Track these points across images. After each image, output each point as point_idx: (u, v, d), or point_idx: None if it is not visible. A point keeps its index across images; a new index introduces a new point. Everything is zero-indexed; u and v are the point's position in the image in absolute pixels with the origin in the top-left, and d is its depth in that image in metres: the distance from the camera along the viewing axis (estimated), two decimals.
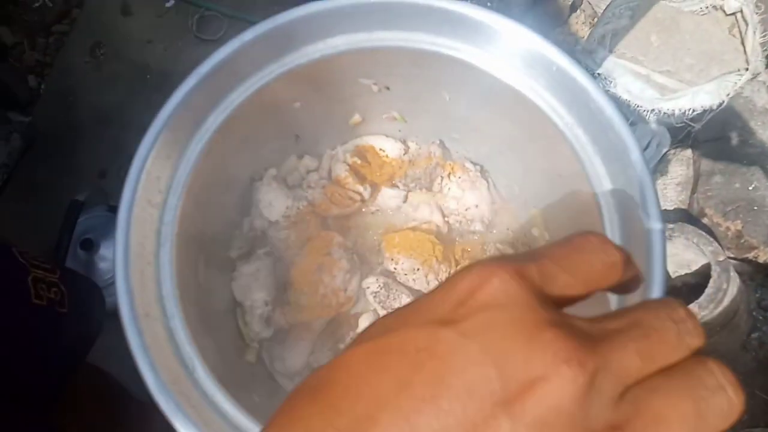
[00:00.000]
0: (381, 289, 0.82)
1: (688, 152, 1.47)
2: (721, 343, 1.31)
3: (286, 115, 0.81)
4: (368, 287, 0.83)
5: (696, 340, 0.25)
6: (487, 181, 0.90)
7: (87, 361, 0.84)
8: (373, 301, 0.82)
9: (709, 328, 1.24)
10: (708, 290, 1.21)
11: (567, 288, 0.26)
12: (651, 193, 0.63)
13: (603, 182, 0.67)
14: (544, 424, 0.20)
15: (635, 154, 0.64)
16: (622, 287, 0.30)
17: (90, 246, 1.34)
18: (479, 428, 0.20)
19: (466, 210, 0.88)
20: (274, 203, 0.85)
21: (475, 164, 0.91)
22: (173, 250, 0.67)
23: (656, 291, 0.60)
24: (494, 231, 0.89)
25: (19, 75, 1.81)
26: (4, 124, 1.65)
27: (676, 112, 1.27)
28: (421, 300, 0.25)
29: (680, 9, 1.32)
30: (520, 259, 0.25)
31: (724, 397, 0.23)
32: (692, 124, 1.37)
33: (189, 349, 0.62)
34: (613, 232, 0.65)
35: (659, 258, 0.61)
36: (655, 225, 0.62)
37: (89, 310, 0.88)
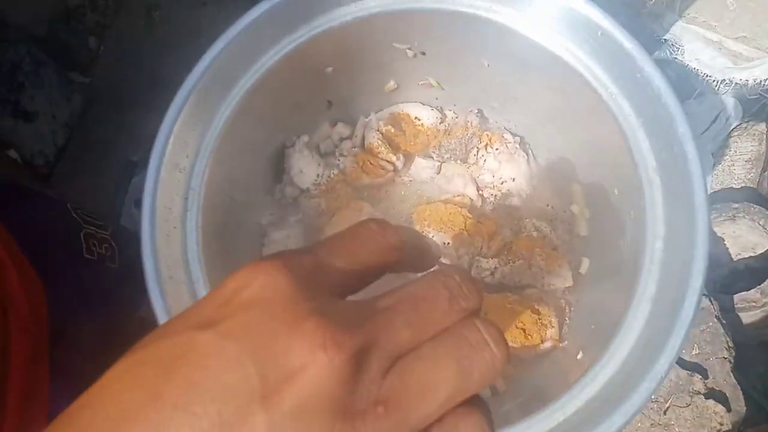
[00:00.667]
0: None
1: (762, 126, 1.36)
2: None
3: (318, 80, 0.79)
4: None
5: (471, 303, 0.26)
6: (527, 154, 0.86)
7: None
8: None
9: None
10: None
11: (345, 274, 0.26)
12: (697, 170, 0.58)
13: (647, 157, 0.62)
14: (303, 410, 0.20)
15: (683, 127, 0.59)
16: (412, 266, 0.31)
17: None
18: (235, 428, 0.20)
19: (502, 183, 0.84)
20: (305, 170, 0.84)
21: (514, 135, 0.86)
22: (200, 216, 0.67)
23: (696, 276, 0.56)
24: (531, 206, 0.85)
25: (80, 36, 1.87)
26: (67, 84, 1.71)
27: (750, 82, 1.16)
28: (193, 304, 0.25)
29: None
30: (295, 252, 0.26)
31: (487, 351, 0.24)
32: (767, 95, 1.26)
33: None
34: (654, 211, 0.61)
35: (702, 240, 0.56)
36: (699, 204, 0.57)
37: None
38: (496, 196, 0.85)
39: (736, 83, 1.16)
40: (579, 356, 0.67)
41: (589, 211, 0.79)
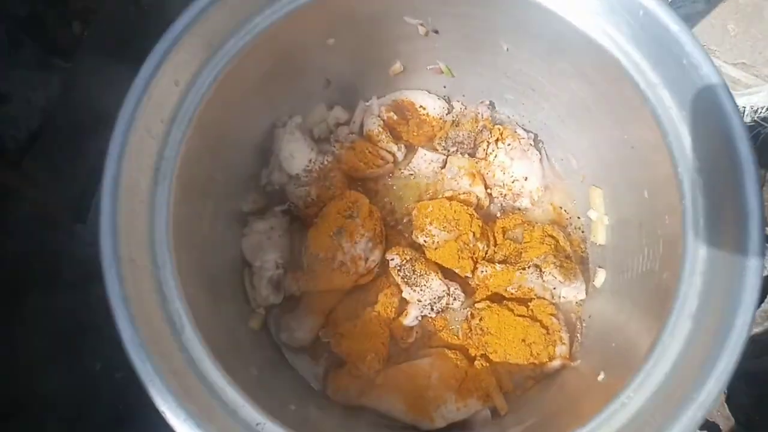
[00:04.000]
0: (406, 263, 0.72)
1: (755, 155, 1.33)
2: None
3: (318, 53, 0.70)
4: (392, 259, 0.72)
5: None
6: (540, 152, 0.78)
7: None
8: (396, 276, 0.72)
9: (761, 346, 1.11)
10: (764, 305, 1.08)
11: None
12: (751, 170, 0.51)
13: (688, 156, 0.55)
14: None
15: (735, 122, 0.52)
16: None
17: None
18: None
19: (513, 182, 0.76)
20: (296, 155, 0.75)
21: (527, 131, 0.79)
22: (173, 190, 0.57)
23: (749, 290, 0.48)
24: (543, 210, 0.78)
25: (64, 20, 1.76)
26: (46, 68, 1.61)
27: (747, 109, 1.14)
28: None
29: None
30: None
31: None
32: (763, 123, 1.23)
33: (179, 305, 0.53)
34: (696, 215, 0.53)
35: (756, 247, 0.49)
36: (752, 208, 0.50)
37: None
38: (505, 195, 0.77)
39: None
40: (600, 378, 0.59)
41: (610, 218, 0.71)
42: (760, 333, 1.07)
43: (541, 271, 0.70)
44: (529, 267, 0.71)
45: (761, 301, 1.06)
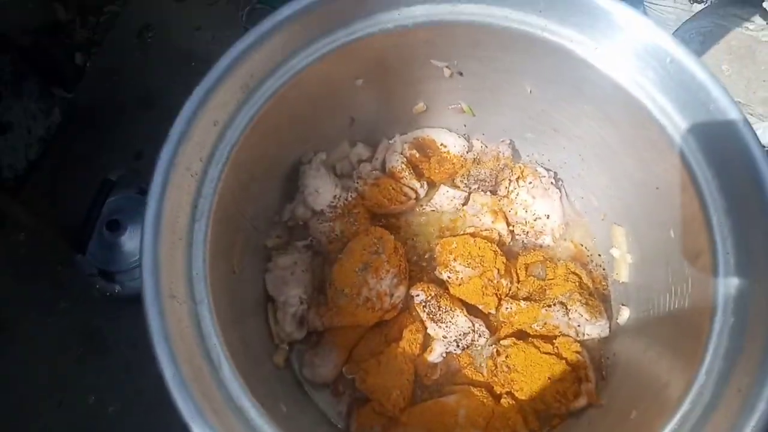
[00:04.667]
0: (431, 299, 0.72)
1: None
2: None
3: (346, 92, 0.72)
4: (417, 295, 0.73)
5: None
6: (560, 191, 0.80)
7: None
8: (422, 312, 0.72)
9: None
10: None
11: None
12: None
13: (716, 197, 0.56)
14: None
15: (763, 166, 0.54)
16: None
17: (116, 227, 1.28)
18: None
19: (536, 220, 0.77)
20: (321, 190, 0.76)
21: (548, 170, 0.81)
22: (210, 226, 0.58)
23: None
24: (565, 247, 0.79)
25: (67, 52, 1.79)
26: (47, 98, 1.63)
27: None
28: None
29: (758, 38, 1.20)
30: None
31: None
32: None
33: (216, 342, 0.53)
34: (726, 253, 0.54)
35: None
36: None
37: None
38: (527, 233, 0.78)
39: None
40: (633, 416, 0.59)
41: (633, 256, 0.72)
42: None
43: (567, 308, 0.71)
44: (555, 304, 0.71)
45: None
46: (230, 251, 0.65)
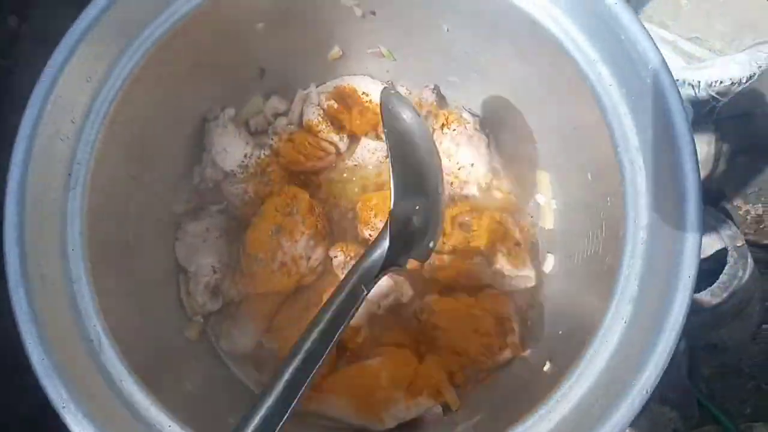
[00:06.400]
0: (351, 260, 0.69)
1: (710, 129, 1.34)
2: (731, 334, 1.20)
3: (249, 39, 0.66)
4: (336, 257, 0.69)
5: None
6: (487, 137, 0.76)
7: None
8: (341, 274, 0.69)
9: (720, 318, 1.13)
10: (722, 277, 1.09)
11: None
12: (688, 148, 0.49)
13: (628, 135, 0.53)
14: None
15: (673, 99, 0.51)
16: None
17: None
18: None
19: (459, 169, 0.74)
20: (229, 149, 0.71)
21: (473, 115, 0.76)
22: (87, 195, 0.53)
23: (686, 270, 0.48)
24: (491, 196, 0.75)
25: None
26: None
27: (702, 83, 1.14)
28: None
29: None
30: None
31: None
32: (718, 97, 1.23)
33: (96, 322, 0.49)
34: (636, 196, 0.52)
35: (693, 226, 0.48)
36: (691, 187, 0.48)
37: None
38: (452, 183, 0.74)
39: (688, 83, 1.13)
40: (546, 368, 0.57)
41: (557, 202, 0.70)
42: (719, 304, 1.09)
43: (490, 260, 0.68)
44: (479, 256, 0.69)
45: (718, 272, 1.07)
46: (122, 221, 0.60)
